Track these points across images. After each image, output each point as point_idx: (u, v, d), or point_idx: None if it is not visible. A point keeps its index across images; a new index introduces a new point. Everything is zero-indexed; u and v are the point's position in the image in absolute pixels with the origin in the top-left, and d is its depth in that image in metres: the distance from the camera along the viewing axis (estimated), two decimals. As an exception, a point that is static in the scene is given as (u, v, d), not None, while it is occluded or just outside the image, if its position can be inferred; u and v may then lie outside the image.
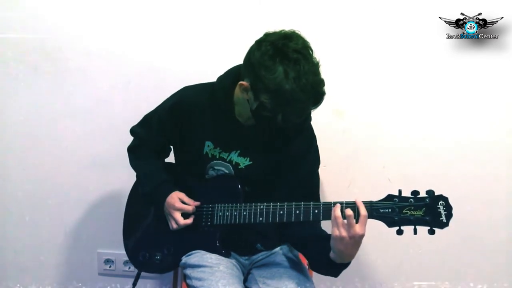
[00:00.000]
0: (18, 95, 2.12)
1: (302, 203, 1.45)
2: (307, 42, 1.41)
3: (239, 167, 1.61)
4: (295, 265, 1.62)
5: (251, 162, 1.60)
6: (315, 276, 1.65)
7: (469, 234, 2.02)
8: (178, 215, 1.58)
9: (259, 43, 1.41)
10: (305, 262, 1.80)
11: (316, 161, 1.63)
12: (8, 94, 2.13)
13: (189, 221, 1.59)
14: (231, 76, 1.53)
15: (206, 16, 1.99)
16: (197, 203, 1.60)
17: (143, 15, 2.02)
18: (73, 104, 2.11)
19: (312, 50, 1.40)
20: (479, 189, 2.01)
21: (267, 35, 1.42)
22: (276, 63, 1.35)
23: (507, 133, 1.98)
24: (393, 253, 2.10)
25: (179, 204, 1.59)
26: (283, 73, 1.34)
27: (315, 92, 1.38)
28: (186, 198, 1.61)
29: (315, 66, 1.38)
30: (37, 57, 2.08)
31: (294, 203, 1.47)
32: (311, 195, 1.57)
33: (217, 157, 1.61)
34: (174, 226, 1.60)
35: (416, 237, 1.38)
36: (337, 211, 1.35)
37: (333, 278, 2.11)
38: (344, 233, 1.33)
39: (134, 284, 1.81)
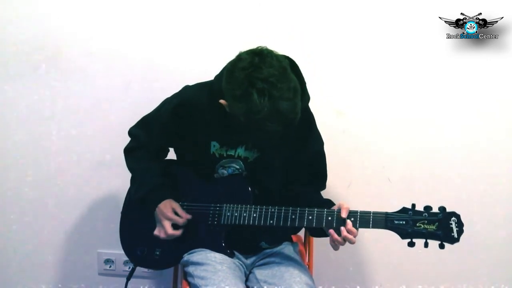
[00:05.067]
0: (18, 95, 2.12)
1: (316, 209, 1.48)
2: (282, 61, 1.39)
3: (248, 160, 1.62)
4: (296, 265, 1.62)
5: (259, 154, 1.61)
6: (315, 277, 1.65)
7: (468, 234, 2.01)
8: (168, 225, 1.58)
9: (230, 70, 1.39)
10: (305, 261, 1.80)
11: (320, 139, 1.66)
12: (8, 94, 2.13)
13: (178, 232, 1.59)
14: None
15: (207, 16, 1.99)
16: (189, 216, 1.60)
17: (143, 15, 2.01)
18: (73, 104, 2.11)
19: (287, 68, 1.38)
20: (479, 189, 2.01)
21: (239, 58, 1.39)
22: (244, 93, 1.34)
23: (507, 133, 1.98)
24: (392, 253, 2.10)
25: (171, 214, 1.59)
26: (251, 103, 1.34)
27: (284, 119, 1.36)
28: (179, 210, 1.60)
29: (287, 91, 1.35)
30: (37, 57, 2.08)
31: (307, 208, 1.49)
32: (321, 174, 1.66)
33: (225, 155, 1.62)
34: (162, 235, 1.60)
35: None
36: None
37: (332, 278, 2.13)
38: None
39: (128, 278, 1.79)
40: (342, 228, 1.43)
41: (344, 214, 1.43)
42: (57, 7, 2.03)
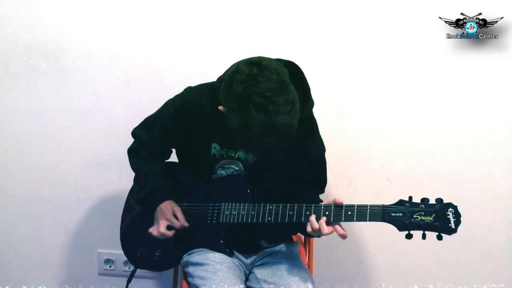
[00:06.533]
0: (18, 95, 2.12)
1: (313, 204, 1.48)
2: (281, 73, 1.36)
3: (248, 162, 1.62)
4: (296, 264, 1.62)
5: (259, 157, 1.61)
6: (316, 277, 1.66)
7: (468, 234, 2.02)
8: (163, 224, 1.59)
9: (228, 82, 1.37)
10: (305, 261, 1.80)
11: (322, 145, 1.66)
12: (8, 94, 2.13)
13: (170, 233, 1.59)
14: None
15: (207, 16, 1.99)
16: (186, 224, 1.60)
17: (143, 15, 2.02)
18: (73, 104, 2.11)
19: (285, 80, 1.36)
20: (479, 189, 2.01)
21: (237, 70, 1.37)
22: (241, 106, 1.34)
23: (507, 133, 1.98)
24: (392, 253, 2.10)
25: (170, 216, 1.59)
26: (246, 117, 1.33)
27: (279, 132, 1.36)
28: (179, 214, 1.61)
29: (283, 105, 1.33)
30: (37, 57, 2.08)
31: (304, 204, 1.49)
32: (320, 179, 1.66)
33: (225, 156, 1.62)
34: (154, 233, 1.60)
35: (416, 238, 1.39)
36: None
37: (333, 277, 2.13)
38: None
39: (129, 281, 1.79)
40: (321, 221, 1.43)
41: (340, 200, 1.43)
42: (56, 7, 2.03)
